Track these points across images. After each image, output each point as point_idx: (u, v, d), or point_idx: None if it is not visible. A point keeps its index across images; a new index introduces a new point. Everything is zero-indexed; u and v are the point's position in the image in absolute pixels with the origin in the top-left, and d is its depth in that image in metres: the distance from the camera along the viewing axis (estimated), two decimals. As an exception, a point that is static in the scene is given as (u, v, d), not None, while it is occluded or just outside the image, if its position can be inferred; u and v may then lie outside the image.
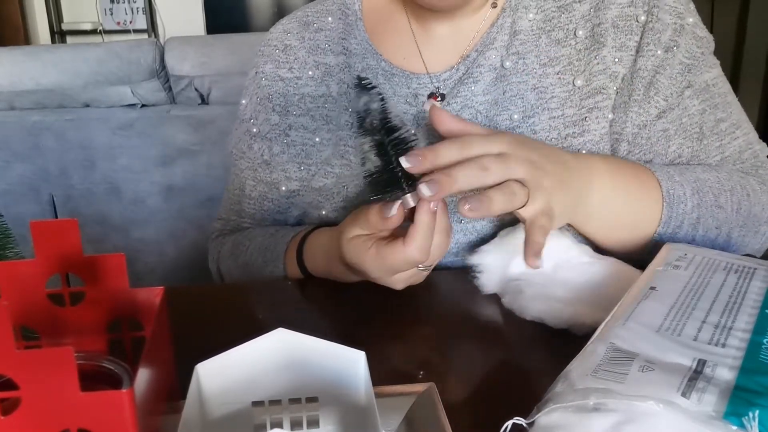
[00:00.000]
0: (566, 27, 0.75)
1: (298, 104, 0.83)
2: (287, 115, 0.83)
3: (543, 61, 0.75)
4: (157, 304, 0.44)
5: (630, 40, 0.73)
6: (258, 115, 0.86)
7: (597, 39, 0.73)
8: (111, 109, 2.17)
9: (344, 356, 0.41)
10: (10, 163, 2.16)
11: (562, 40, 0.75)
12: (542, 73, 0.74)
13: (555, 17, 0.75)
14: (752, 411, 0.36)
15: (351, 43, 0.82)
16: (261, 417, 0.39)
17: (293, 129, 0.83)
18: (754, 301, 0.49)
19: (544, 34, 0.75)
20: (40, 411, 0.34)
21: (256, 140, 0.86)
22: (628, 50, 0.73)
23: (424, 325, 0.64)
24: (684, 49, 0.73)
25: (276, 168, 0.84)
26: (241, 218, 0.90)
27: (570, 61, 0.74)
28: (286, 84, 0.84)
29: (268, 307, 0.71)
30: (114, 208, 2.20)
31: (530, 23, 0.75)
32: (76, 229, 0.44)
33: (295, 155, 0.82)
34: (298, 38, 0.85)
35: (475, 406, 0.50)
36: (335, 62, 0.82)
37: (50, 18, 4.05)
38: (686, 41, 0.73)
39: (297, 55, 0.84)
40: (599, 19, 0.74)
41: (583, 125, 0.73)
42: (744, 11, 3.68)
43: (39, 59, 2.11)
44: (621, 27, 0.73)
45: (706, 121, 0.74)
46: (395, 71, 0.79)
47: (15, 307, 0.45)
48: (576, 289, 0.61)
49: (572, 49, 0.74)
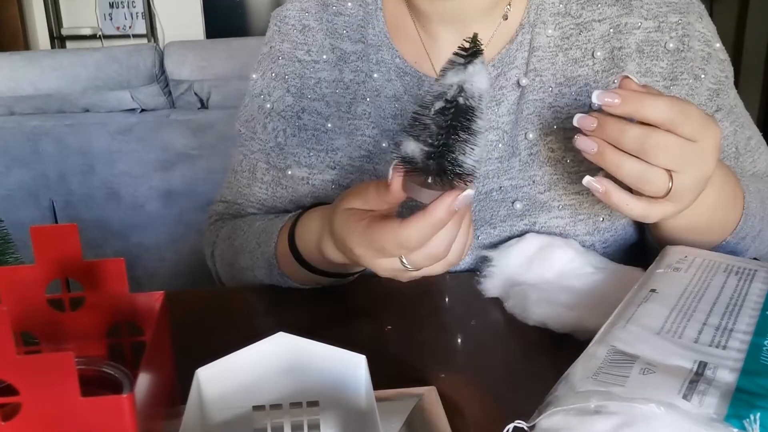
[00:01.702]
0: (584, 47, 0.73)
1: (313, 88, 0.80)
2: (302, 98, 0.81)
3: (559, 80, 0.73)
4: (157, 309, 0.44)
5: (656, 66, 0.71)
6: (272, 91, 0.83)
7: (617, 63, 0.72)
8: (110, 114, 2.17)
9: (345, 360, 0.41)
10: (10, 169, 2.16)
11: (579, 60, 0.73)
12: (558, 92, 0.73)
13: (573, 35, 0.73)
14: (753, 413, 0.36)
15: (369, 34, 0.79)
16: (262, 421, 0.39)
17: (306, 113, 0.80)
18: (755, 303, 0.49)
19: (561, 52, 0.73)
20: (40, 416, 0.34)
21: (271, 119, 0.82)
22: (653, 76, 0.71)
23: (425, 328, 0.64)
24: (711, 75, 0.72)
25: (288, 152, 0.81)
26: (249, 202, 0.86)
27: (587, 83, 0.72)
28: (303, 66, 0.81)
29: (269, 311, 0.71)
30: (114, 213, 2.20)
31: (548, 39, 0.74)
32: (75, 234, 0.44)
33: (306, 140, 0.80)
34: (316, 19, 0.81)
35: (476, 410, 0.50)
36: (352, 50, 0.79)
37: (50, 23, 4.05)
38: (712, 67, 0.72)
39: (315, 38, 0.81)
40: (620, 43, 0.72)
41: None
42: (744, 11, 3.68)
43: (38, 64, 2.11)
44: (647, 52, 0.71)
45: (739, 141, 0.75)
46: (408, 70, 0.77)
47: (15, 312, 0.45)
48: (579, 295, 0.61)
49: (590, 70, 0.73)
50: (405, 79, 0.77)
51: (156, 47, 2.15)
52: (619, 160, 0.54)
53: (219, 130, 2.12)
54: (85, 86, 2.12)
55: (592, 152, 0.55)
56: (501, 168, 0.74)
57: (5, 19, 3.87)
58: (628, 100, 0.53)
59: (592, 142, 0.55)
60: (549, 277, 0.64)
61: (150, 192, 2.18)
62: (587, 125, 0.55)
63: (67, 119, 2.15)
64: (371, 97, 0.77)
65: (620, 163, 0.54)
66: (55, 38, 4.08)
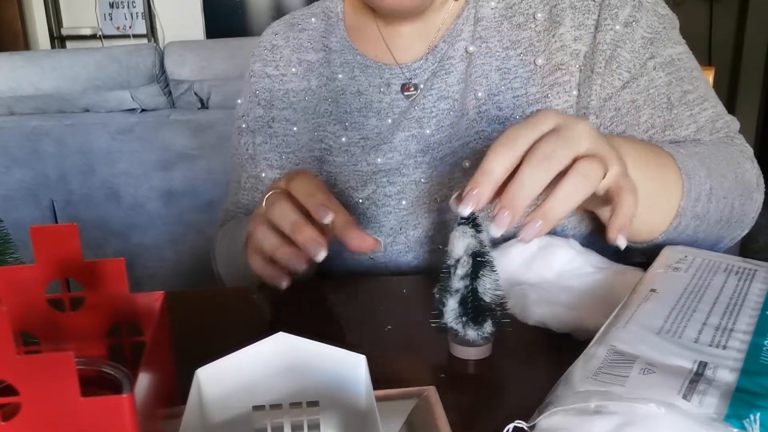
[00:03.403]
0: (526, 12, 0.78)
1: (282, 99, 0.88)
2: (271, 109, 0.89)
3: (505, 44, 0.78)
4: (157, 309, 0.44)
5: (588, 19, 0.76)
6: (248, 112, 0.91)
7: (554, 19, 0.77)
8: (110, 114, 2.17)
9: (345, 360, 0.41)
10: (10, 169, 2.16)
11: (522, 24, 0.78)
12: (505, 56, 0.78)
13: (516, 4, 0.79)
14: (753, 413, 0.36)
15: (331, 41, 0.88)
16: (262, 421, 0.39)
17: (276, 121, 0.88)
18: (755, 303, 0.49)
19: (506, 20, 0.79)
20: (40, 416, 0.34)
21: (243, 135, 0.91)
22: (587, 28, 0.76)
23: (424, 328, 0.64)
24: (645, 24, 0.76)
25: (259, 159, 0.89)
26: (238, 209, 0.94)
27: (531, 43, 0.77)
28: (272, 80, 0.89)
29: (269, 311, 0.71)
30: (114, 213, 2.20)
31: (492, 11, 0.80)
32: (75, 234, 0.44)
33: (276, 145, 0.87)
34: (284, 38, 0.91)
35: (475, 410, 0.50)
36: (316, 58, 0.88)
37: (50, 23, 4.05)
38: (647, 17, 0.76)
39: (282, 54, 0.90)
40: (556, 1, 0.77)
41: (545, 102, 0.76)
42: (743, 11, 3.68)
43: (38, 64, 2.11)
44: (578, 7, 0.76)
45: (673, 92, 0.76)
46: (369, 63, 0.84)
47: (15, 312, 0.45)
48: (579, 295, 0.61)
49: (532, 32, 0.78)
50: (367, 72, 0.84)
51: (156, 47, 2.15)
52: (556, 203, 0.49)
53: (219, 130, 2.12)
54: (85, 86, 2.12)
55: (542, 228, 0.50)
56: (452, 133, 0.78)
57: (5, 19, 3.87)
58: (483, 186, 0.50)
59: (536, 224, 0.49)
60: (549, 277, 0.64)
61: (150, 192, 2.18)
62: (505, 219, 0.49)
63: (67, 119, 2.15)
64: (333, 97, 0.85)
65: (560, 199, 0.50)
66: (55, 38, 4.08)
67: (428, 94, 0.80)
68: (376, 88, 0.83)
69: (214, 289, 0.89)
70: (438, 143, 0.79)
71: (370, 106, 0.83)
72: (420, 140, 0.80)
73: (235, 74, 2.10)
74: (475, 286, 0.54)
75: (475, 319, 0.54)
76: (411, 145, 0.80)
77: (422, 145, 0.79)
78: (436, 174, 0.78)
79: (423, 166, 0.79)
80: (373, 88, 0.83)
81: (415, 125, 0.80)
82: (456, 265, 0.54)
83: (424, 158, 0.79)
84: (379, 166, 0.80)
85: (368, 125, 0.82)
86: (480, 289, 0.54)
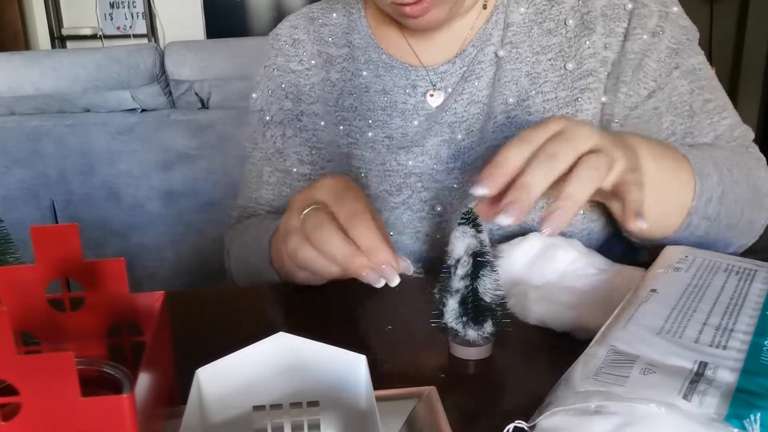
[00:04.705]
0: (557, 18, 0.79)
1: (309, 93, 0.88)
2: (299, 103, 0.88)
3: (536, 49, 0.79)
4: (158, 309, 0.44)
5: (618, 27, 0.77)
6: (271, 105, 0.90)
7: (587, 26, 0.78)
8: (111, 114, 2.17)
9: (345, 360, 0.41)
10: (10, 169, 2.16)
11: (553, 30, 0.79)
12: (535, 61, 0.79)
13: (545, 10, 0.80)
14: (754, 413, 0.36)
15: (354, 38, 0.87)
16: (262, 421, 0.39)
17: (305, 115, 0.87)
18: (755, 303, 0.49)
19: (536, 25, 0.79)
20: (40, 416, 0.34)
21: (269, 128, 0.90)
22: (617, 36, 0.77)
23: (424, 328, 0.64)
24: (670, 35, 0.77)
25: (289, 152, 0.88)
26: (259, 205, 0.92)
27: (561, 48, 0.78)
28: (297, 75, 0.89)
29: (269, 311, 0.71)
30: (114, 213, 2.20)
31: (522, 16, 0.80)
32: (76, 234, 0.44)
33: (307, 140, 0.87)
34: (305, 32, 0.90)
35: (476, 410, 0.50)
36: (338, 53, 0.87)
37: (50, 23, 4.05)
38: (671, 28, 0.77)
39: (305, 48, 0.89)
40: (588, 8, 0.78)
41: (575, 105, 0.77)
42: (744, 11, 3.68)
43: (39, 64, 2.11)
44: (609, 15, 0.77)
45: (695, 101, 0.78)
46: (395, 63, 0.84)
47: (15, 312, 0.45)
48: (579, 294, 0.61)
49: (563, 38, 0.78)
50: (392, 72, 0.84)
51: (156, 47, 2.15)
52: (572, 190, 0.52)
53: (219, 130, 2.12)
54: (86, 86, 2.12)
55: (563, 216, 0.51)
56: (481, 138, 0.79)
57: (5, 19, 3.87)
58: (497, 173, 0.53)
59: (557, 214, 0.51)
60: (551, 278, 0.64)
61: (150, 192, 2.18)
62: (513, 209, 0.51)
63: (68, 119, 2.15)
64: (357, 93, 0.84)
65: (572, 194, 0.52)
66: (56, 38, 4.08)
67: (459, 98, 0.80)
68: (401, 89, 0.83)
69: (214, 289, 0.89)
70: (468, 148, 0.80)
71: (394, 106, 0.83)
72: (451, 145, 0.80)
73: (235, 74, 2.10)
74: (475, 286, 0.54)
75: (476, 319, 0.54)
76: (442, 150, 0.80)
77: (453, 150, 0.80)
78: (468, 180, 0.78)
79: (455, 171, 0.80)
80: (399, 88, 0.83)
81: (447, 130, 0.80)
82: (456, 265, 0.54)
83: (456, 164, 0.80)
84: (410, 168, 0.81)
85: (392, 124, 0.82)
86: (480, 289, 0.54)
